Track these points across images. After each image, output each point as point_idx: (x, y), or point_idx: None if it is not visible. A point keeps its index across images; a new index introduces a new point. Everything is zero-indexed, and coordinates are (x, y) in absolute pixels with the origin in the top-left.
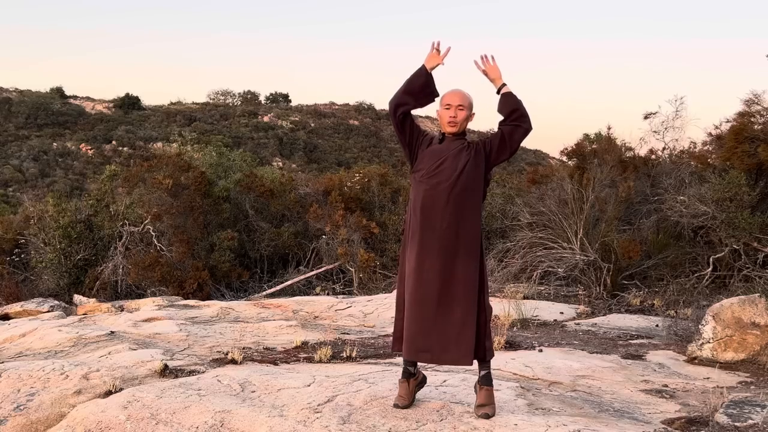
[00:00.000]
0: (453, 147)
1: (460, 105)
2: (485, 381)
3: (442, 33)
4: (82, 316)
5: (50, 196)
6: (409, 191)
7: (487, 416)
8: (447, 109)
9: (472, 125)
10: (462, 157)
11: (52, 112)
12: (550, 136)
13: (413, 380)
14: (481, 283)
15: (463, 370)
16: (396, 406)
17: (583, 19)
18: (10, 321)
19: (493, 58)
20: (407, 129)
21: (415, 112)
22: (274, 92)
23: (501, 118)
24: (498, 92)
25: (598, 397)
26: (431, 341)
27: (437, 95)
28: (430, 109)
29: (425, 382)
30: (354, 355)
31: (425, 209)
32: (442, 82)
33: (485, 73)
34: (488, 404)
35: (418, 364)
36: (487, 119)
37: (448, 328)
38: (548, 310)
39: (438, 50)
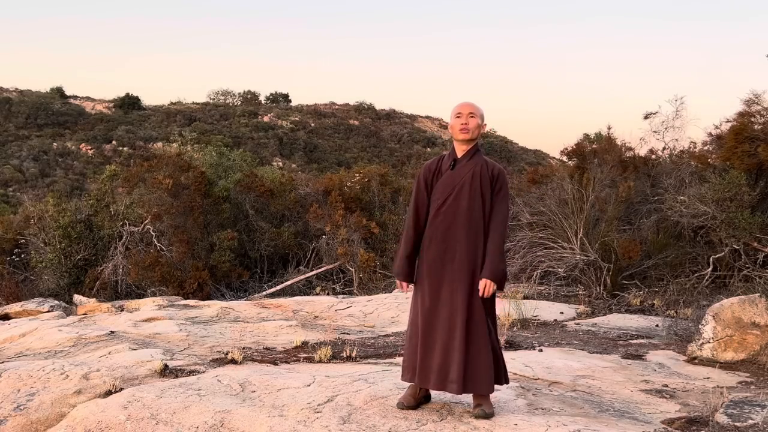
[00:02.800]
0: (465, 173)
1: (471, 113)
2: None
3: (441, 32)
4: (82, 316)
5: (50, 196)
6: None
7: (485, 413)
8: (458, 117)
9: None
10: (474, 185)
11: (52, 112)
12: (550, 136)
13: (422, 389)
14: (491, 309)
15: None
16: (401, 404)
17: (583, 18)
18: (10, 321)
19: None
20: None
21: (415, 111)
22: (274, 92)
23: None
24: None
25: (598, 397)
26: (447, 368)
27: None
28: (430, 109)
29: (429, 399)
30: (354, 355)
31: (441, 242)
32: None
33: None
34: (485, 403)
35: None
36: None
37: (458, 355)
38: (548, 310)
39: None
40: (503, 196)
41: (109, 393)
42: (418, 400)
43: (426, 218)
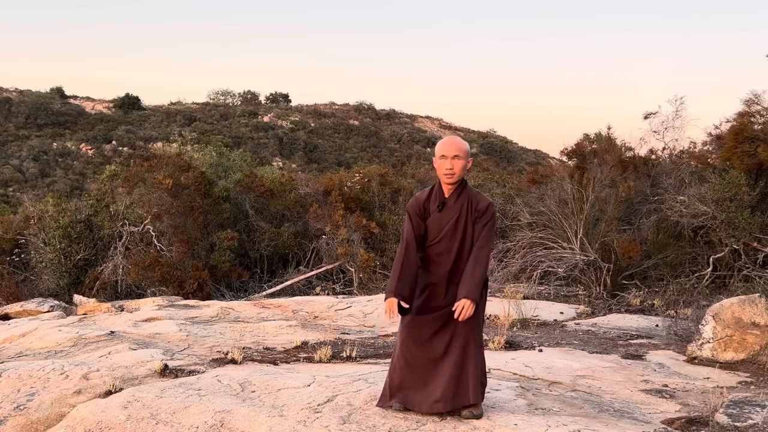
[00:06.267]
0: (452, 215)
1: (456, 155)
2: None
3: (442, 33)
4: (82, 316)
5: (50, 196)
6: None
7: (473, 414)
8: (443, 159)
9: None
10: (460, 226)
11: (52, 112)
12: (550, 136)
13: None
14: (477, 329)
15: None
16: (398, 406)
17: (583, 18)
18: (10, 321)
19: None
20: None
21: (415, 111)
22: (274, 92)
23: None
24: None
25: (598, 397)
26: (432, 392)
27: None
28: (430, 109)
29: None
30: (354, 355)
31: (431, 273)
32: (438, 70)
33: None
34: (474, 405)
35: None
36: (484, 117)
37: (445, 374)
38: (548, 310)
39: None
40: (489, 227)
41: (109, 393)
42: None
43: (416, 249)
